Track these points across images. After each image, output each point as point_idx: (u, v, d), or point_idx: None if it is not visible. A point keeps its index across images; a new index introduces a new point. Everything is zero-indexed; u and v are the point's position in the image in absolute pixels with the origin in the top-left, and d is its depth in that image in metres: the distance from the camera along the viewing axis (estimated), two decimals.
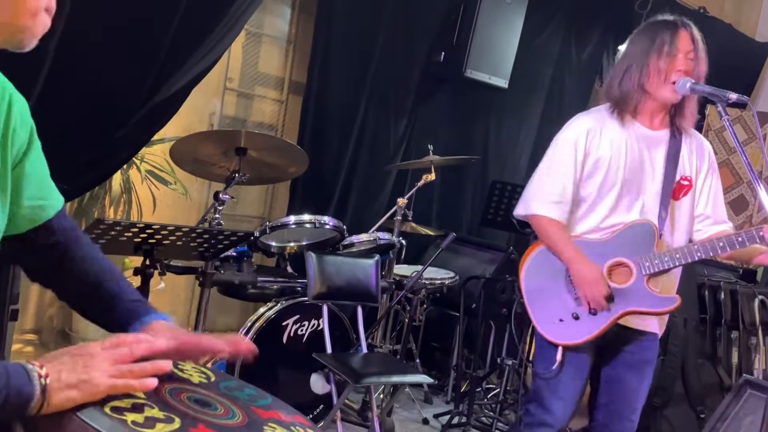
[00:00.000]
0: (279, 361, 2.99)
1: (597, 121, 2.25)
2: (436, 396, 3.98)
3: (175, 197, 4.10)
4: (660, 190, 2.24)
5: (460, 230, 4.65)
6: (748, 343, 3.65)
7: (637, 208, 2.23)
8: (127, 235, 2.23)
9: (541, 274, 2.30)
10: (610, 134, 2.23)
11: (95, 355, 0.96)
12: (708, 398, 3.49)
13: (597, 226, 2.26)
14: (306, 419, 1.15)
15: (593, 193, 2.24)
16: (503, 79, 4.64)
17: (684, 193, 2.28)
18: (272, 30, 4.55)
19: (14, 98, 1.07)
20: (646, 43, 2.19)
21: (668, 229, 2.25)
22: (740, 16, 6.34)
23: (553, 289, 2.27)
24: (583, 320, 2.22)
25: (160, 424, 0.93)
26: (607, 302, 2.18)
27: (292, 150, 3.22)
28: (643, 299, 2.20)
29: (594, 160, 2.23)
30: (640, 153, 2.23)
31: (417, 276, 3.33)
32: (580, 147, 2.22)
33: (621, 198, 2.23)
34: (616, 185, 2.22)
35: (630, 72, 2.20)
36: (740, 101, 2.02)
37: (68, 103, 2.88)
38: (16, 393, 0.89)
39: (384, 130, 4.48)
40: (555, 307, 2.25)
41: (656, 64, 2.15)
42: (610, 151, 2.22)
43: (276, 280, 3.23)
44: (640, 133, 2.25)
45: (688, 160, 2.28)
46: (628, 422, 2.30)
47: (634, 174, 2.22)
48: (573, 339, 2.23)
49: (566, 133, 2.28)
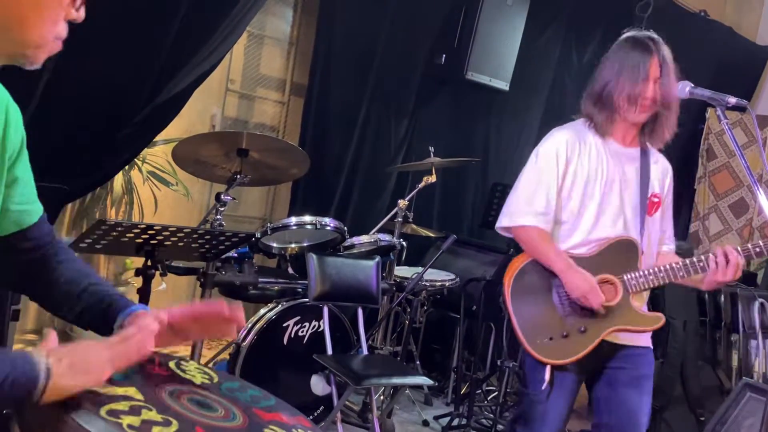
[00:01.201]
0: (279, 363, 3.00)
1: (576, 134, 2.27)
2: (436, 398, 3.98)
3: (176, 198, 4.11)
4: (638, 205, 2.26)
5: (461, 232, 4.65)
6: (747, 346, 3.65)
7: (621, 223, 2.24)
8: (129, 236, 2.24)
9: (528, 292, 2.25)
10: (589, 147, 2.25)
11: (93, 347, 1.01)
12: (708, 401, 3.49)
13: (583, 240, 2.24)
14: (309, 421, 1.15)
15: (576, 207, 2.24)
16: (504, 81, 4.64)
17: (655, 210, 2.31)
18: (274, 32, 4.56)
19: (11, 107, 1.12)
20: (617, 66, 2.22)
21: (646, 245, 2.26)
22: (741, 19, 6.34)
23: (541, 307, 2.23)
24: (572, 338, 2.19)
25: (157, 427, 0.92)
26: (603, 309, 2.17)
27: (293, 151, 3.22)
28: (629, 317, 2.20)
29: (574, 171, 2.23)
30: (616, 168, 2.26)
31: (417, 278, 3.34)
32: (561, 158, 2.23)
33: (603, 212, 2.23)
34: (595, 198, 2.23)
35: (605, 91, 2.22)
36: (739, 105, 2.03)
37: (70, 104, 2.88)
38: (22, 375, 0.91)
39: (385, 131, 4.49)
40: (544, 325, 2.21)
41: (626, 88, 2.18)
42: (589, 163, 2.23)
43: (277, 281, 3.23)
44: (614, 149, 2.27)
45: (655, 177, 2.32)
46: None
47: (613, 188, 2.24)
48: (564, 358, 2.19)
49: (546, 146, 2.28)
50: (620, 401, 2.26)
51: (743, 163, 1.99)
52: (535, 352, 2.20)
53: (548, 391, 2.20)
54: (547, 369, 2.19)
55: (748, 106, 2.01)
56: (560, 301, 2.22)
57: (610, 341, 2.21)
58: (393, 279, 3.65)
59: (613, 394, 2.27)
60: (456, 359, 3.93)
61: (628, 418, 2.25)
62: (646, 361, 2.29)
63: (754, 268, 5.36)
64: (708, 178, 5.71)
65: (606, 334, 2.19)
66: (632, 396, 2.25)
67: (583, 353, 2.18)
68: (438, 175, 3.70)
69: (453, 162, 3.82)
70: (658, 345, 3.60)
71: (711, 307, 3.66)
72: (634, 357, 2.26)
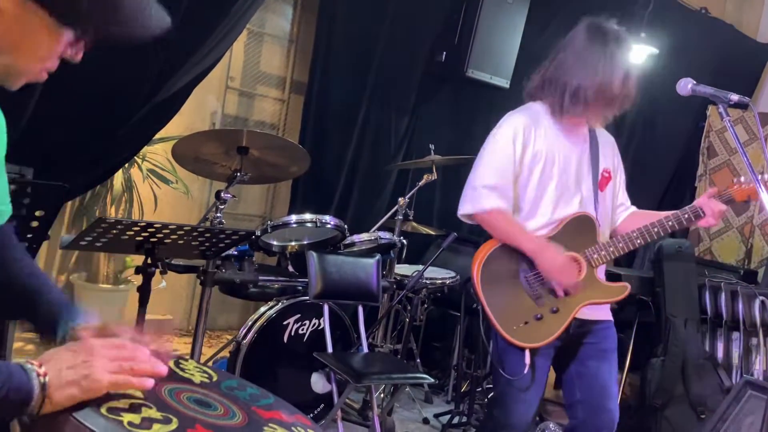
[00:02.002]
0: (280, 361, 3.00)
1: (531, 117, 2.30)
2: (436, 396, 3.99)
3: (176, 196, 4.11)
4: (591, 183, 2.32)
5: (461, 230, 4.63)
6: (748, 343, 3.65)
7: (577, 201, 2.29)
8: (129, 233, 2.23)
9: (497, 279, 2.27)
10: (544, 130, 2.29)
11: (95, 350, 0.98)
12: (708, 399, 3.48)
13: (544, 223, 2.29)
14: (308, 419, 1.15)
15: (533, 191, 2.27)
16: (505, 78, 4.64)
17: (606, 184, 2.37)
18: (274, 29, 4.55)
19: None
20: (594, 61, 2.21)
21: (601, 218, 2.33)
22: (741, 17, 6.33)
23: (512, 292, 2.26)
24: (546, 319, 2.23)
25: (157, 424, 0.92)
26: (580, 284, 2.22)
27: (293, 149, 3.22)
28: (596, 290, 2.27)
29: (532, 154, 2.27)
30: (570, 147, 2.31)
31: (418, 276, 3.33)
32: (518, 141, 2.26)
33: (561, 192, 2.28)
34: (553, 179, 2.27)
35: (580, 86, 2.21)
36: (741, 102, 2.02)
37: (70, 101, 2.88)
38: (16, 390, 0.90)
39: (385, 129, 4.48)
40: (517, 310, 2.24)
41: (603, 88, 2.20)
42: (546, 145, 2.27)
43: (277, 279, 3.23)
44: (566, 129, 2.32)
45: (603, 153, 2.37)
46: (608, 413, 2.30)
47: (568, 167, 2.29)
48: (541, 340, 2.23)
49: (503, 129, 2.30)
50: (592, 375, 2.32)
51: (745, 160, 1.97)
52: (513, 339, 2.23)
53: (530, 375, 2.24)
54: (527, 353, 2.23)
55: (750, 103, 2.00)
56: (529, 285, 2.25)
57: (577, 317, 2.27)
58: (393, 277, 3.65)
59: (583, 369, 2.33)
60: (456, 357, 3.93)
61: (601, 390, 2.31)
62: (610, 334, 2.36)
63: (755, 266, 5.36)
64: (708, 176, 5.70)
65: (577, 311, 2.25)
66: (602, 369, 2.32)
67: (559, 332, 2.23)
68: (438, 173, 3.70)
69: (453, 160, 3.82)
70: (659, 343, 3.61)
71: (712, 305, 3.66)
72: (598, 331, 2.33)
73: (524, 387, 2.25)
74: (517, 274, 2.26)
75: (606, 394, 2.31)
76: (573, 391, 2.35)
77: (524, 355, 2.22)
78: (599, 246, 2.26)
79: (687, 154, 5.81)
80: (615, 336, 2.38)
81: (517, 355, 2.24)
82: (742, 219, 5.57)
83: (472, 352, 4.04)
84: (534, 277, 2.25)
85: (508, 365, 2.27)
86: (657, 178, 5.81)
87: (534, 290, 2.25)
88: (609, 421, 2.31)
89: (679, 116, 5.67)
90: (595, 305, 2.30)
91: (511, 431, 2.29)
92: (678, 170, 5.89)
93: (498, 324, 2.24)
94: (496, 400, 2.37)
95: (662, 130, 5.67)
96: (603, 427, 2.30)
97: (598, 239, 2.28)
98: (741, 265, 5.35)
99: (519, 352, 2.23)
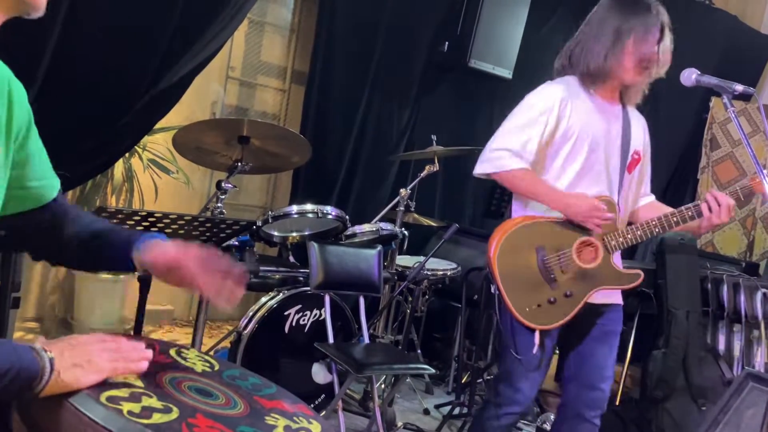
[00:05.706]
0: (281, 351, 2.99)
1: (568, 90, 2.26)
2: (437, 386, 3.99)
3: (177, 186, 4.10)
4: (619, 163, 2.29)
5: (463, 221, 4.64)
6: (750, 336, 3.65)
7: (604, 181, 2.27)
8: (129, 223, 2.22)
9: (514, 260, 2.27)
10: (580, 105, 2.25)
11: (91, 345, 1.00)
12: (710, 391, 3.48)
13: None
14: (310, 409, 1.14)
15: (561, 162, 2.25)
16: (507, 69, 4.62)
17: (634, 167, 2.35)
18: (275, 19, 4.53)
19: (13, 85, 1.11)
20: (624, 25, 2.20)
21: (623, 203, 2.31)
22: (746, 8, 6.29)
23: (527, 274, 2.25)
24: (559, 304, 2.24)
25: (157, 414, 0.92)
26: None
27: (294, 139, 3.20)
28: (611, 276, 2.26)
29: (564, 129, 2.23)
30: (603, 125, 2.27)
31: (419, 267, 3.32)
32: (553, 115, 2.22)
33: (587, 170, 2.25)
34: (581, 155, 2.24)
35: (604, 50, 2.21)
36: (746, 92, 2.01)
37: (71, 90, 2.87)
38: (27, 368, 0.92)
39: (387, 120, 4.47)
40: (531, 293, 2.24)
41: (632, 50, 2.19)
42: (579, 121, 2.24)
43: (278, 269, 3.22)
44: (601, 106, 2.28)
45: (635, 134, 2.34)
46: (599, 392, 2.32)
47: (599, 146, 2.25)
48: (552, 322, 2.24)
49: (539, 99, 2.26)
50: (588, 353, 2.34)
51: (750, 151, 1.97)
52: (524, 320, 2.23)
53: (539, 355, 2.26)
54: (537, 334, 2.25)
55: (755, 94, 1.99)
56: (546, 268, 2.24)
57: (588, 302, 2.27)
58: (395, 268, 3.64)
59: (582, 346, 2.35)
60: (457, 348, 3.93)
61: (595, 369, 2.33)
62: (617, 317, 2.36)
63: (757, 258, 5.35)
64: (711, 168, 5.68)
65: (590, 296, 2.25)
66: (600, 349, 2.34)
67: (570, 316, 2.24)
68: (440, 164, 3.68)
69: (455, 151, 3.80)
70: (661, 335, 3.60)
71: (713, 297, 3.65)
72: (606, 313, 2.34)
73: (532, 367, 2.27)
74: (534, 256, 2.25)
75: (600, 374, 2.33)
76: (569, 366, 2.38)
77: (534, 336, 2.24)
78: (618, 232, 2.24)
79: (690, 146, 5.80)
80: (621, 319, 2.38)
81: (527, 335, 2.25)
82: (744, 211, 5.55)
83: (473, 344, 4.04)
84: (551, 259, 2.24)
85: (517, 344, 2.28)
86: (659, 170, 5.78)
87: (550, 273, 2.24)
88: (599, 400, 2.33)
89: (682, 108, 5.65)
90: (608, 291, 2.30)
91: (515, 406, 2.31)
92: (680, 162, 5.87)
93: (511, 304, 2.24)
94: (503, 375, 2.37)
95: (665, 122, 5.64)
96: (593, 406, 2.32)
97: (617, 225, 2.26)
98: (743, 257, 5.35)
99: (529, 332, 2.25)
